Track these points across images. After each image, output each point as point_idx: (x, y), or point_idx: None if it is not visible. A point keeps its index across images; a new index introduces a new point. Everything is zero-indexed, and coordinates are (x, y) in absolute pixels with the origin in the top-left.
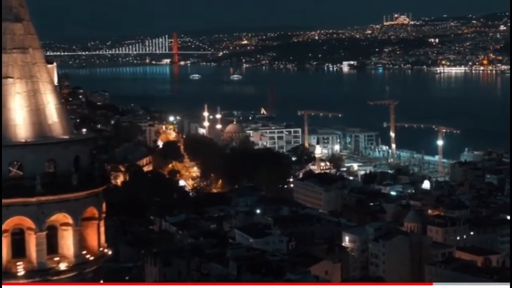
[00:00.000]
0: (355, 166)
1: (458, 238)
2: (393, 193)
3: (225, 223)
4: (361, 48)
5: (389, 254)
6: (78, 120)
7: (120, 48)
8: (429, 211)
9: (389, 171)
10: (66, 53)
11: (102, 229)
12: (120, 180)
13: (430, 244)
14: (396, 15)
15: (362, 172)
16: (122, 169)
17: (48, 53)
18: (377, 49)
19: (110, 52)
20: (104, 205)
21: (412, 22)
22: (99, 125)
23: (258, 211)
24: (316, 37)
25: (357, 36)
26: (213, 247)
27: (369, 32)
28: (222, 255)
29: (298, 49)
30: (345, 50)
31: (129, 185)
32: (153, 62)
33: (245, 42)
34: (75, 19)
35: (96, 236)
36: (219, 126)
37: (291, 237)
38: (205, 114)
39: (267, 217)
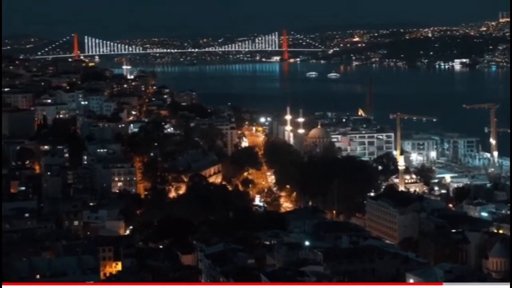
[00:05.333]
0: (447, 177)
1: None
2: (484, 214)
3: (268, 257)
4: (474, 46)
5: None
6: (148, 123)
7: (232, 45)
8: None
9: (487, 183)
10: (177, 51)
11: None
12: (179, 193)
13: None
14: None
15: (455, 185)
16: (185, 179)
17: (159, 50)
18: (491, 47)
19: (221, 49)
20: None
21: None
22: (171, 129)
23: (307, 243)
24: (429, 34)
25: (471, 34)
26: None
27: (484, 29)
28: None
29: (409, 47)
30: (458, 47)
31: (185, 200)
32: (263, 59)
33: (356, 39)
34: (187, 17)
35: None
36: (301, 131)
37: (343, 278)
38: (287, 117)
39: (317, 252)
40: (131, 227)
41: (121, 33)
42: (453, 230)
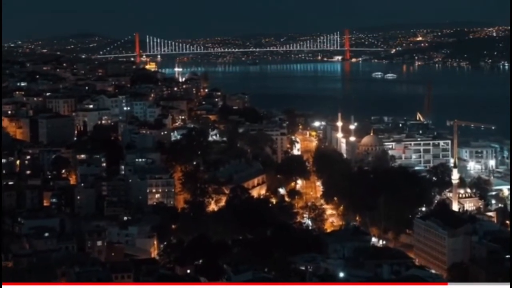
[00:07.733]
0: (505, 190)
1: None
2: None
3: None
4: None
5: None
6: (192, 130)
7: (294, 45)
8: None
9: None
10: (238, 50)
11: None
12: (219, 206)
13: None
14: None
15: None
16: (226, 191)
17: (221, 49)
18: None
19: (283, 48)
20: None
21: None
22: (217, 135)
23: (341, 274)
24: (494, 34)
25: None
26: None
27: None
28: None
29: (473, 46)
30: None
31: (222, 215)
32: (325, 59)
33: (419, 38)
34: (249, 16)
35: None
36: (353, 138)
37: None
38: (339, 123)
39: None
40: (165, 242)
41: (183, 33)
42: (507, 256)
